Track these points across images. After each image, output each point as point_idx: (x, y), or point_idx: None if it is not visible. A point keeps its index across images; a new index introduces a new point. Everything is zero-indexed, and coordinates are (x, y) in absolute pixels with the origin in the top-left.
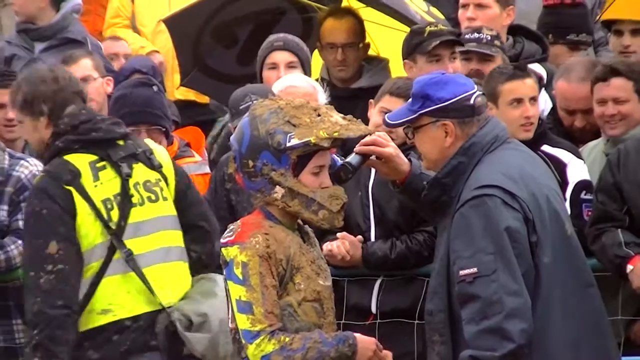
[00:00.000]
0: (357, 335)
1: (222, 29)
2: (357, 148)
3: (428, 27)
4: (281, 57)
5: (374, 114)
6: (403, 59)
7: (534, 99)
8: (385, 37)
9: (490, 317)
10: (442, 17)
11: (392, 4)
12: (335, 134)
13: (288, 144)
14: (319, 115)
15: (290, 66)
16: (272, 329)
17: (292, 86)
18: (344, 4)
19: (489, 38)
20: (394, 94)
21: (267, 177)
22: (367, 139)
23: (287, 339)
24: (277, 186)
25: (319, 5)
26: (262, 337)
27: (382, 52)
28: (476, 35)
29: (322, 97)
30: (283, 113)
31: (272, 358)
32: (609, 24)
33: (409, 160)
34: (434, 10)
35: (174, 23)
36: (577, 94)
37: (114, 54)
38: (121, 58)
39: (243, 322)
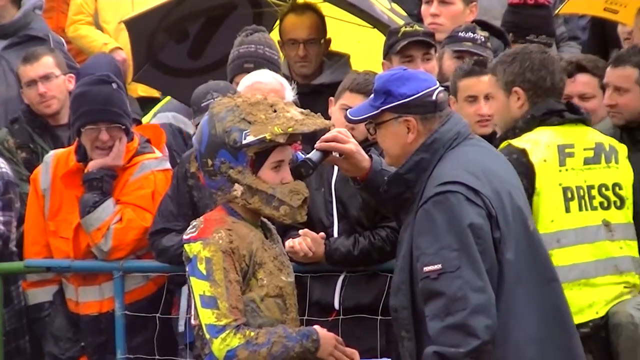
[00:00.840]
0: (319, 329)
1: (175, 24)
2: (318, 144)
3: (403, 27)
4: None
5: (335, 112)
6: (383, 59)
7: (489, 96)
8: (345, 33)
9: (454, 313)
10: (404, 13)
11: (358, 3)
12: (290, 129)
13: (244, 142)
14: (275, 111)
15: None
16: (237, 323)
17: (259, 82)
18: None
19: (483, 39)
20: (354, 90)
21: (225, 175)
22: (328, 135)
23: (252, 334)
24: (236, 184)
25: (273, 0)
26: (227, 332)
27: (343, 48)
28: (471, 35)
29: (290, 93)
30: (239, 111)
31: (238, 352)
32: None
33: (370, 157)
34: (395, 6)
35: (132, 24)
36: None
37: None
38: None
39: (208, 316)
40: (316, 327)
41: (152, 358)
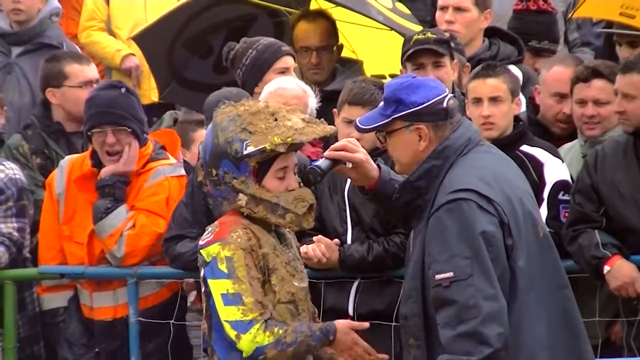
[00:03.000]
0: (340, 327)
1: (195, 39)
2: (327, 153)
3: (416, 35)
4: (292, 61)
5: (338, 125)
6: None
7: (495, 99)
8: (366, 37)
9: (466, 321)
10: (407, 12)
11: (353, 5)
12: (289, 139)
13: (244, 152)
14: (275, 119)
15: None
16: (264, 317)
17: (282, 88)
18: (313, 5)
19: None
20: (352, 102)
21: (229, 185)
22: (337, 144)
23: (281, 332)
24: (240, 194)
25: (288, 9)
26: (256, 327)
27: (365, 53)
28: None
29: (313, 100)
30: (240, 120)
31: (267, 351)
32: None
33: (378, 166)
34: (400, 5)
35: (143, 39)
36: None
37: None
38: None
39: (233, 313)
40: (338, 322)
41: None
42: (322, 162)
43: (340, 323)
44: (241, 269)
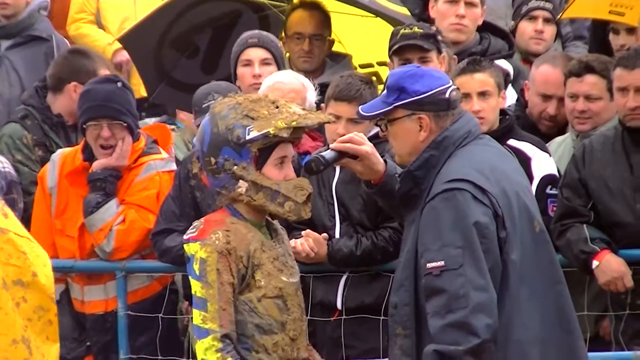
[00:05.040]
0: None
1: (181, 39)
2: (333, 145)
3: (402, 29)
4: (255, 53)
5: None
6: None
7: (484, 94)
8: (351, 26)
9: (455, 311)
10: None
11: None
12: (294, 122)
13: (247, 137)
14: (277, 107)
15: (264, 63)
16: (221, 332)
17: (279, 82)
18: None
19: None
20: (338, 98)
21: (229, 172)
22: (344, 137)
23: None
24: (240, 180)
25: (271, 2)
26: (209, 338)
27: (351, 42)
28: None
29: (312, 94)
30: (241, 108)
31: None
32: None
33: (384, 161)
34: None
35: (129, 40)
36: (561, 80)
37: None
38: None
39: (196, 317)
40: None
41: (155, 358)
42: (327, 153)
43: None
44: (212, 273)
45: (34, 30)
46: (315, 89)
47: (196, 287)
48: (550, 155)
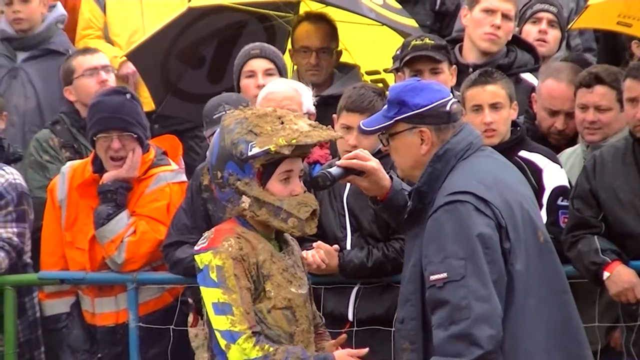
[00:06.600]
0: (337, 354)
1: (187, 51)
2: (339, 162)
3: (414, 40)
4: (258, 64)
5: (337, 131)
6: (392, 66)
7: (496, 105)
8: (358, 35)
9: (458, 322)
10: (398, 6)
11: (345, 4)
12: (294, 141)
13: (249, 153)
14: (282, 123)
15: (267, 73)
16: (252, 330)
17: (271, 92)
18: (303, 7)
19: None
20: (350, 109)
21: (233, 187)
22: (350, 154)
23: (272, 349)
24: (244, 196)
25: (276, 13)
26: (243, 337)
27: (358, 50)
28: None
29: (308, 97)
30: (247, 123)
31: None
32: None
33: (390, 177)
34: (390, 0)
35: (137, 55)
36: (566, 95)
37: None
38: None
39: (223, 323)
40: (337, 353)
41: None
42: (333, 169)
43: (339, 353)
44: (231, 278)
45: (51, 44)
46: (312, 90)
47: (217, 294)
48: (561, 167)
